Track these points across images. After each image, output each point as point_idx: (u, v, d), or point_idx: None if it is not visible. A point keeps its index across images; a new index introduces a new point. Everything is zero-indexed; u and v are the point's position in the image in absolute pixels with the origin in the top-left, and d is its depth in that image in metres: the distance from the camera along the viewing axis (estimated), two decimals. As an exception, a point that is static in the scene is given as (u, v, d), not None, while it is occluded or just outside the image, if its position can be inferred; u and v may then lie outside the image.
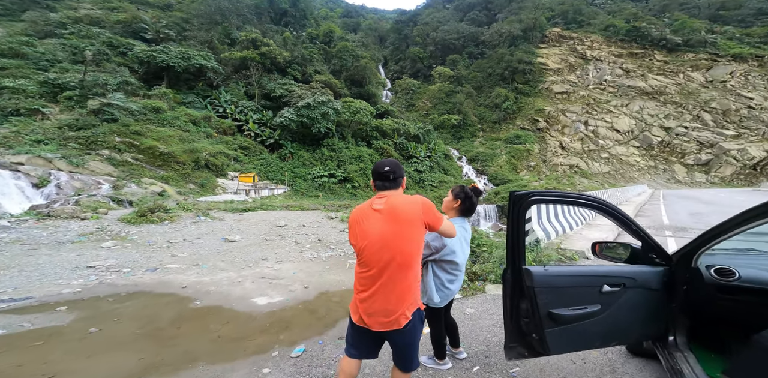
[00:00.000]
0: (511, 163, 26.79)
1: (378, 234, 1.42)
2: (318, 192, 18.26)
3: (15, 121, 14.55)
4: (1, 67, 16.36)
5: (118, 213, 8.11)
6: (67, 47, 18.39)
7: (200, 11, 25.80)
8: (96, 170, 14.10)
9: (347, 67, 30.77)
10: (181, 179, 15.85)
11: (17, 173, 11.71)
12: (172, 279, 4.26)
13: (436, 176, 23.35)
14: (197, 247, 5.92)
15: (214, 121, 19.34)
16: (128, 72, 18.26)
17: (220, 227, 7.63)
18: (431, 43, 49.92)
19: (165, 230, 7.04)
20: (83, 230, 6.48)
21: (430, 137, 26.22)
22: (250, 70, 23.15)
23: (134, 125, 16.19)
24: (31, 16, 20.95)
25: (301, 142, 21.45)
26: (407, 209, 1.44)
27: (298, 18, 35.63)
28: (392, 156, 23.00)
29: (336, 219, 9.50)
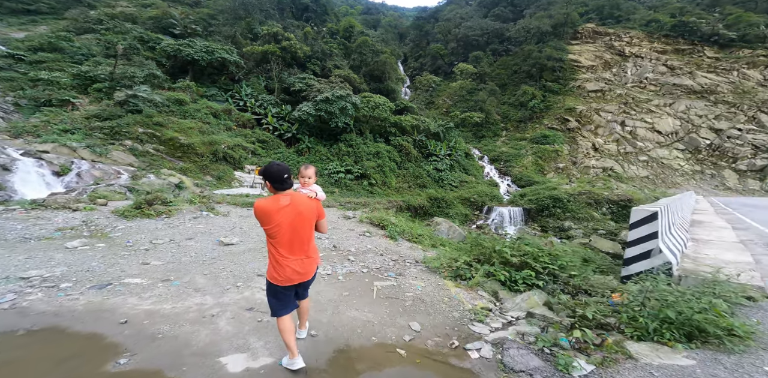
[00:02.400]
0: (538, 164, 24.50)
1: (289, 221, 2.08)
2: (334, 188, 17.27)
3: (46, 111, 14.55)
4: (39, 60, 16.50)
5: (119, 204, 7.35)
6: (101, 42, 18.42)
7: (225, 7, 25.45)
8: (118, 160, 13.80)
9: (367, 62, 29.48)
10: (199, 171, 15.38)
11: (40, 161, 11.49)
12: (118, 304, 3.10)
13: (457, 175, 21.68)
14: (181, 252, 4.88)
15: (235, 114, 18.83)
16: (155, 65, 18.02)
17: (221, 225, 6.69)
18: (453, 40, 47.47)
19: (157, 226, 6.16)
20: (66, 224, 5.71)
21: (450, 135, 24.49)
22: (270, 64, 22.50)
23: (157, 116, 15.85)
24: (73, 13, 21.30)
25: (319, 136, 20.54)
26: (309, 205, 2.17)
27: (319, 13, 34.65)
28: (411, 153, 21.58)
29: (354, 219, 8.34)
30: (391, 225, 7.78)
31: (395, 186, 19.49)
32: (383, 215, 8.30)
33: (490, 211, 18.72)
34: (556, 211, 17.46)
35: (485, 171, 24.65)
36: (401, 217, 9.25)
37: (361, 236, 6.90)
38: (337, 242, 6.19)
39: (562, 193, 17.98)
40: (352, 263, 5.04)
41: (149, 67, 17.30)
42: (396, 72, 31.63)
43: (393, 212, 9.65)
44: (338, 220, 8.17)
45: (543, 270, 4.21)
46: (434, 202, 18.43)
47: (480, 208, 19.22)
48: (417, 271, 4.94)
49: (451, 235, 10.51)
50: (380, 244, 6.52)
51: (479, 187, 20.76)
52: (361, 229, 7.45)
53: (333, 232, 6.98)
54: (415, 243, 7.48)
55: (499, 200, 20.03)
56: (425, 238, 8.04)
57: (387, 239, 7.11)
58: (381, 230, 7.72)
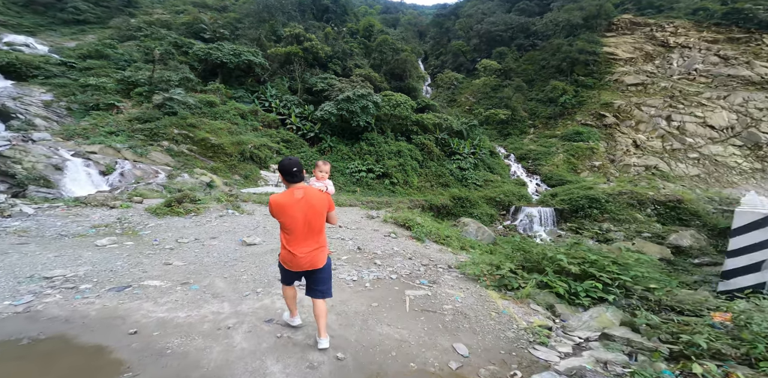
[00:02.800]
0: (570, 162, 22.69)
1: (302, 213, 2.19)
2: (355, 187, 16.94)
3: (95, 114, 15.33)
4: (88, 67, 17.56)
5: (153, 202, 7.38)
6: (141, 48, 19.35)
7: (250, 10, 25.99)
8: (156, 160, 14.28)
9: (387, 60, 28.92)
10: (228, 170, 15.64)
11: (88, 161, 12.06)
12: (132, 310, 2.84)
13: (481, 174, 20.59)
14: (204, 252, 4.67)
15: (260, 114, 19.09)
16: (188, 69, 18.64)
17: (245, 223, 6.46)
18: (475, 36, 45.53)
19: (185, 224, 6.04)
20: (102, 221, 5.70)
21: (474, 133, 23.36)
22: (293, 65, 22.67)
23: (190, 118, 16.31)
24: (116, 22, 22.64)
25: (340, 136, 20.32)
26: (320, 198, 2.26)
27: (339, 14, 34.54)
28: (433, 152, 20.78)
29: (378, 219, 7.86)
30: (416, 225, 7.21)
31: (417, 185, 18.83)
32: (408, 215, 7.75)
33: (518, 211, 17.53)
34: (592, 212, 15.97)
35: (511, 170, 23.26)
36: (426, 217, 8.65)
37: (387, 237, 6.39)
38: (362, 244, 5.71)
39: (599, 193, 16.42)
40: (380, 268, 4.53)
41: (183, 70, 17.91)
42: (417, 70, 30.81)
43: (418, 212, 9.05)
44: (362, 220, 7.72)
45: (612, 281, 3.45)
46: (457, 201, 17.57)
47: (506, 208, 18.08)
48: (452, 279, 4.34)
49: (480, 237, 9.74)
50: (407, 246, 5.98)
51: (505, 187, 19.57)
52: (385, 229, 6.94)
53: (357, 232, 6.52)
54: (443, 245, 6.88)
55: (527, 200, 18.73)
56: (453, 239, 7.41)
57: (413, 241, 6.56)
58: (406, 231, 7.17)
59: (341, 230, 6.61)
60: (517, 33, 43.93)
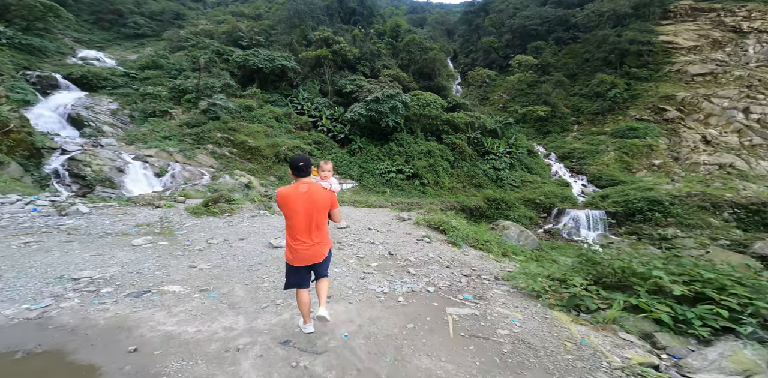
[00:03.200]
0: (623, 161, 20.04)
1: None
2: (385, 188, 16.42)
3: (152, 121, 16.52)
4: (146, 77, 19.14)
5: (195, 202, 7.48)
6: (189, 57, 20.73)
7: (282, 17, 26.83)
8: (202, 162, 14.99)
9: (415, 60, 28.12)
10: (264, 172, 15.99)
11: (145, 164, 12.92)
12: (142, 320, 2.58)
13: (518, 175, 18.95)
14: (230, 255, 4.44)
15: (294, 117, 19.42)
16: (229, 75, 19.53)
17: (275, 224, 6.22)
18: (507, 32, 42.95)
19: (218, 224, 5.97)
20: (146, 220, 5.80)
21: (510, 132, 21.68)
22: (323, 68, 22.91)
23: (231, 122, 16.96)
24: (168, 34, 24.65)
25: (370, 136, 19.97)
26: (323, 195, 2.30)
27: (366, 16, 34.48)
28: (465, 152, 19.58)
29: (409, 221, 7.24)
30: (452, 229, 6.44)
31: (448, 186, 17.80)
32: (442, 217, 6.99)
33: (561, 214, 15.74)
34: (653, 215, 13.80)
35: (552, 170, 21.17)
36: (460, 219, 7.81)
37: (420, 242, 5.72)
38: (393, 249, 5.10)
39: (662, 195, 14.18)
40: (414, 278, 3.88)
41: (224, 77, 18.80)
42: (446, 68, 29.59)
43: (452, 214, 8.22)
44: (392, 222, 7.11)
45: (741, 308, 2.46)
46: (492, 203, 16.26)
47: (547, 210, 16.35)
48: (503, 294, 3.55)
49: (523, 242, 8.62)
50: (443, 252, 5.26)
51: (546, 188, 17.76)
52: (418, 233, 6.27)
53: (387, 236, 5.94)
54: (482, 251, 6.04)
55: (572, 202, 16.80)
56: (493, 244, 6.51)
57: (449, 246, 5.81)
58: (441, 235, 6.44)
59: (371, 233, 6.04)
60: (555, 26, 40.69)
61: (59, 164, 11.17)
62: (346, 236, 5.73)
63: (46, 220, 5.37)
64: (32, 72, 16.61)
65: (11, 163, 8.14)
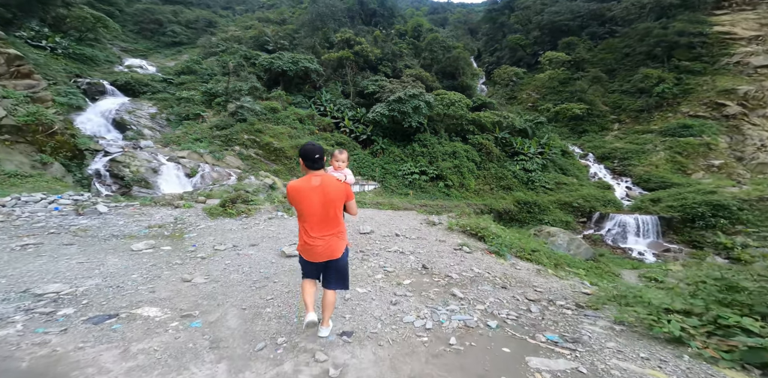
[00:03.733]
0: (675, 161, 17.50)
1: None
2: (408, 190, 15.42)
3: (185, 123, 16.79)
4: (182, 82, 19.68)
5: (215, 201, 6.99)
6: (220, 62, 21.13)
7: (305, 21, 26.98)
8: (230, 163, 14.91)
9: (438, 59, 26.93)
10: (288, 173, 15.66)
11: (178, 165, 12.99)
12: (79, 364, 1.84)
13: (552, 177, 17.14)
14: (235, 265, 3.80)
15: (317, 118, 19.09)
16: (255, 78, 19.59)
17: (291, 228, 5.64)
18: (535, 28, 40.53)
19: (232, 227, 5.48)
20: (161, 220, 5.40)
21: (541, 131, 19.83)
22: (345, 69, 22.49)
23: (257, 124, 16.87)
24: (202, 41, 25.50)
25: (392, 137, 19.10)
26: (337, 186, 2.10)
27: (386, 17, 33.86)
28: (493, 152, 18.07)
29: (441, 226, 6.30)
30: (492, 235, 5.31)
31: (474, 188, 16.42)
32: (478, 222, 5.89)
33: (604, 218, 13.85)
34: (717, 221, 11.70)
35: (591, 171, 19.02)
36: (499, 225, 6.61)
37: (458, 251, 4.70)
38: (428, 260, 4.13)
39: (727, 199, 12.01)
40: (463, 304, 2.86)
41: (251, 80, 18.88)
42: (470, 67, 28.11)
43: (489, 218, 7.03)
44: (422, 227, 6.13)
45: None
46: (523, 206, 14.71)
47: (587, 214, 14.49)
48: (605, 333, 2.44)
49: (574, 251, 7.23)
50: (490, 265, 4.21)
51: (584, 190, 15.84)
52: (453, 240, 5.25)
53: (418, 243, 5.03)
54: (531, 262, 4.91)
55: (616, 206, 14.78)
56: (542, 255, 5.30)
57: (492, 257, 4.75)
58: (479, 242, 5.39)
59: (399, 240, 5.23)
60: (589, 21, 37.80)
61: (101, 165, 11.42)
62: (371, 243, 4.89)
63: (62, 220, 5.11)
64: (83, 79, 17.56)
65: (54, 164, 8.19)
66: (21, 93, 8.04)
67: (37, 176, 7.14)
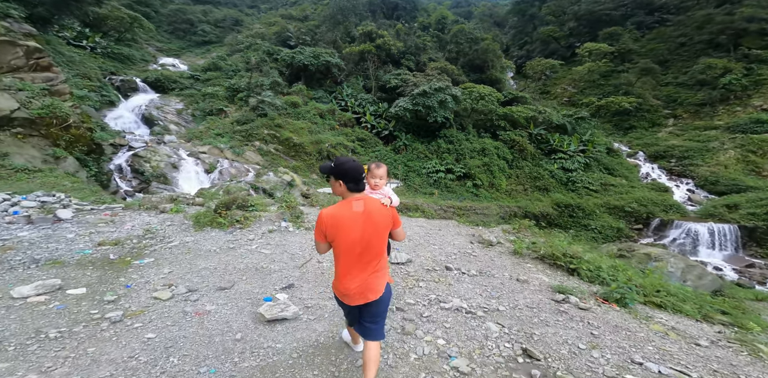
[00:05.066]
0: (748, 161, 14.64)
1: None
2: (433, 189, 14.00)
3: (209, 119, 16.47)
4: (208, 78, 19.45)
5: (212, 205, 5.82)
6: (244, 58, 20.70)
7: (326, 16, 26.21)
8: (249, 159, 14.33)
9: (464, 52, 24.86)
10: (307, 169, 14.80)
11: (197, 160, 12.51)
12: None
13: (596, 177, 14.95)
14: (162, 346, 2.13)
15: (337, 114, 18.12)
16: (278, 74, 18.97)
17: (295, 249, 4.13)
18: (571, 19, 37.05)
19: (213, 246, 4.04)
20: (126, 233, 4.29)
21: (582, 127, 17.46)
22: (367, 63, 21.30)
23: (278, 119, 16.19)
24: (228, 39, 25.35)
25: (416, 133, 17.67)
26: (383, 212, 1.66)
27: (409, 10, 32.15)
28: (526, 150, 16.12)
29: (503, 248, 4.74)
30: (584, 263, 3.74)
31: (506, 188, 14.65)
32: (558, 243, 4.28)
33: (667, 226, 11.66)
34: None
35: (641, 171, 16.50)
36: (577, 241, 5.02)
37: (562, 306, 3.01)
38: (523, 333, 2.46)
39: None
40: None
41: (273, 75, 18.24)
42: (500, 59, 25.73)
43: (567, 238, 5.42)
44: (476, 250, 4.59)
45: None
46: (564, 209, 12.85)
47: (643, 221, 12.32)
48: None
49: (695, 282, 5.37)
50: (635, 335, 2.63)
51: (637, 193, 13.60)
52: (536, 277, 3.71)
53: (489, 287, 3.40)
54: (666, 310, 3.29)
55: (679, 212, 12.47)
56: (672, 295, 3.53)
57: (615, 309, 3.11)
58: (573, 278, 3.85)
59: (454, 279, 3.55)
60: (634, 10, 33.92)
61: (123, 160, 11.13)
62: (411, 288, 3.19)
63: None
64: (117, 76, 17.71)
65: (68, 158, 7.71)
66: (38, 86, 7.60)
67: (46, 171, 6.65)
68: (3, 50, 7.03)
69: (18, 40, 7.21)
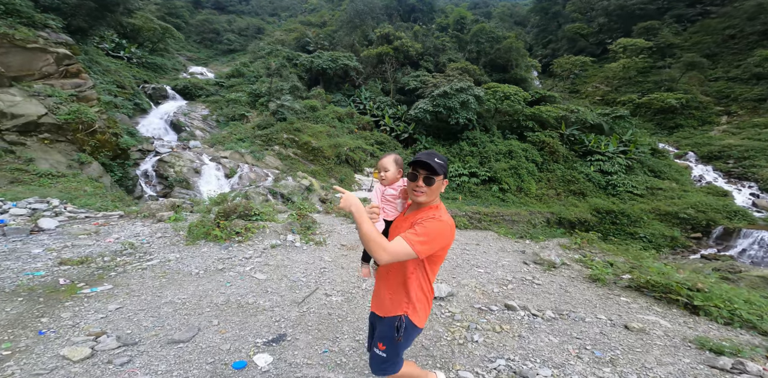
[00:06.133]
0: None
1: None
2: (456, 194, 13.04)
3: (232, 124, 16.55)
4: (231, 84, 19.73)
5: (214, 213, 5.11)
6: (265, 64, 20.86)
7: (343, 20, 26.10)
8: (269, 164, 14.14)
9: (486, 51, 23.69)
10: (326, 174, 14.38)
11: (219, 165, 12.40)
12: None
13: (641, 180, 13.36)
14: None
15: (356, 117, 17.66)
16: (297, 78, 18.87)
17: (298, 274, 3.34)
18: (601, 15, 34.82)
19: (195, 268, 3.31)
20: (104, 248, 3.63)
21: (621, 127, 15.79)
22: (385, 65, 20.72)
23: (297, 123, 15.98)
24: (251, 47, 25.82)
25: (436, 136, 16.79)
26: None
27: (426, 12, 31.40)
28: (558, 152, 14.76)
29: (569, 269, 3.77)
30: (715, 299, 2.69)
31: (536, 192, 13.37)
32: (650, 264, 3.24)
33: (732, 235, 9.97)
34: None
35: (693, 173, 14.55)
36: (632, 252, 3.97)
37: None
38: None
39: None
40: None
41: (292, 79, 18.14)
42: (524, 58, 24.29)
43: (651, 255, 4.34)
44: (532, 273, 3.67)
45: None
46: (604, 216, 11.49)
47: (702, 229, 10.66)
48: None
49: None
50: None
51: (692, 197, 11.91)
52: (642, 315, 2.76)
53: (578, 330, 2.51)
54: None
55: (746, 219, 10.68)
56: None
57: None
58: (695, 316, 2.83)
59: (523, 327, 2.56)
60: (672, 2, 31.14)
61: (150, 165, 11.17)
62: (458, 340, 2.29)
63: None
64: (149, 85, 18.33)
65: (93, 164, 7.62)
66: (66, 92, 7.62)
67: (69, 176, 6.53)
68: (35, 57, 7.08)
69: (48, 47, 7.24)
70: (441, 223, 1.13)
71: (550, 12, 44.10)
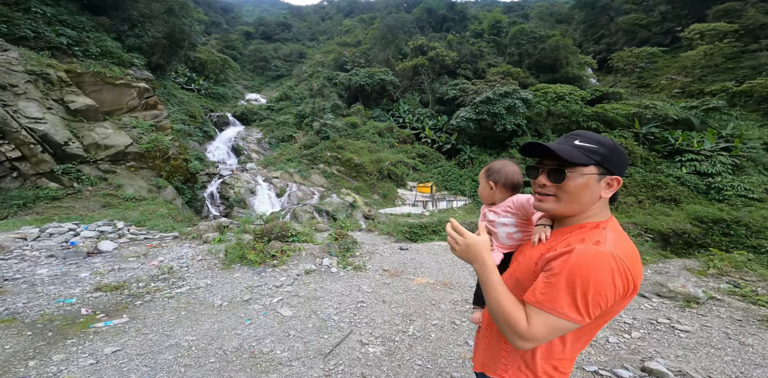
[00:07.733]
0: None
1: None
2: (510, 208, 11.43)
3: (282, 145, 17.43)
4: (280, 108, 21.11)
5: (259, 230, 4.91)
6: (308, 85, 22.04)
7: (376, 37, 26.51)
8: (314, 182, 14.39)
9: (528, 52, 21.83)
10: (368, 190, 14.10)
11: (270, 185, 12.87)
12: None
13: (756, 181, 10.45)
14: None
15: (396, 131, 17.32)
16: (337, 97, 19.40)
17: (330, 309, 2.75)
18: (661, 3, 30.51)
19: (225, 298, 2.94)
20: (146, 271, 3.53)
21: (717, 120, 12.77)
22: (421, 77, 20.27)
23: (339, 140, 16.17)
24: (295, 71, 27.77)
25: (482, 145, 15.52)
26: None
27: (458, 20, 30.57)
28: (635, 153, 12.38)
29: (728, 309, 2.45)
30: None
31: (612, 205, 11.09)
32: None
33: None
34: None
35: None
36: None
37: None
38: None
39: None
40: None
41: (333, 98, 18.66)
42: (575, 55, 21.86)
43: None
44: (668, 314, 2.51)
45: None
46: (711, 226, 9.03)
47: None
48: None
49: None
50: None
51: None
52: None
53: None
54: None
55: None
56: None
57: None
58: None
59: None
60: None
61: (215, 187, 11.96)
62: None
63: (28, 264, 3.59)
64: (214, 113, 20.51)
65: (168, 187, 8.26)
66: (147, 122, 8.52)
67: (149, 200, 7.08)
68: (122, 92, 8.09)
69: (132, 83, 8.22)
70: (597, 258, 0.60)
71: (596, 6, 40.25)
